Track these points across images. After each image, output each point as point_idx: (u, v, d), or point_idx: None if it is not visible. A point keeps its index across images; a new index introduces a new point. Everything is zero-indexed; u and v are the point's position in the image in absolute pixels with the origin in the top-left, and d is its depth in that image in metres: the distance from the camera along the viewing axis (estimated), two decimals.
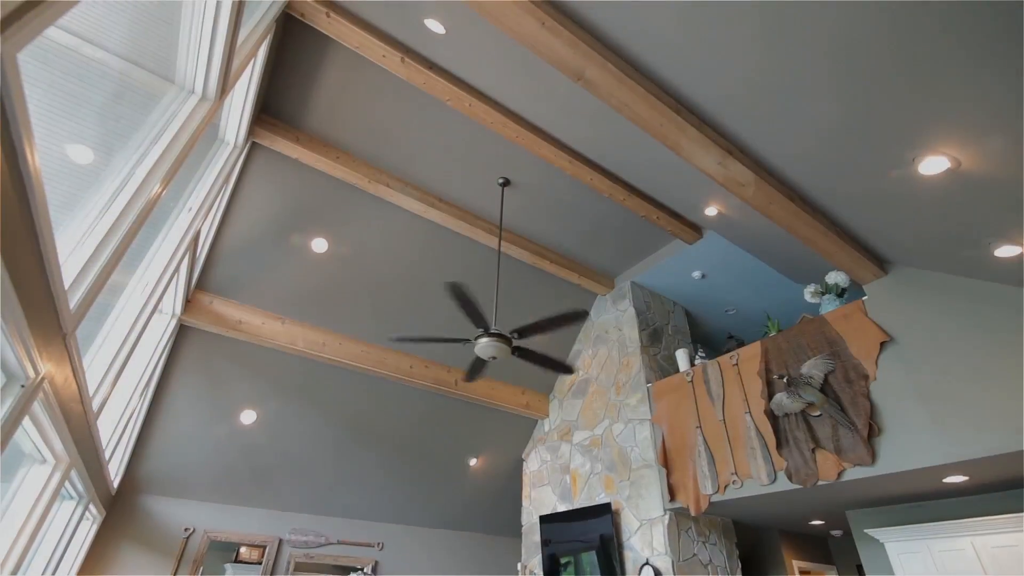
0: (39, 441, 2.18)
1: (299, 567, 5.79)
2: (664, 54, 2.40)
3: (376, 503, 6.31)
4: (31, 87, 1.29)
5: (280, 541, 5.78)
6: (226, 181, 3.70)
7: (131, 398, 3.78)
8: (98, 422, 2.96)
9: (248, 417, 5.13)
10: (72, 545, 4.00)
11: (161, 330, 4.07)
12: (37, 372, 1.59)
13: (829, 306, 4.12)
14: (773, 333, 4.40)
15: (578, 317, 3.34)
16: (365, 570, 6.06)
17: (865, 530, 4.30)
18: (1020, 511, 3.58)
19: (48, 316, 1.57)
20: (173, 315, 4.21)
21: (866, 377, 3.61)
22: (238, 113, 3.39)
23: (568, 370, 3.70)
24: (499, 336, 3.20)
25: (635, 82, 2.48)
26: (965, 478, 3.46)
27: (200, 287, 4.51)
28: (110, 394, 2.97)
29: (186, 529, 5.32)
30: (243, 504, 5.71)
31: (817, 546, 6.39)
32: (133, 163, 2.16)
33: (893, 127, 2.35)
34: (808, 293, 4.31)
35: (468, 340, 3.32)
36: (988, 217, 2.71)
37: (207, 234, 4.15)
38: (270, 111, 3.94)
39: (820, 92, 2.30)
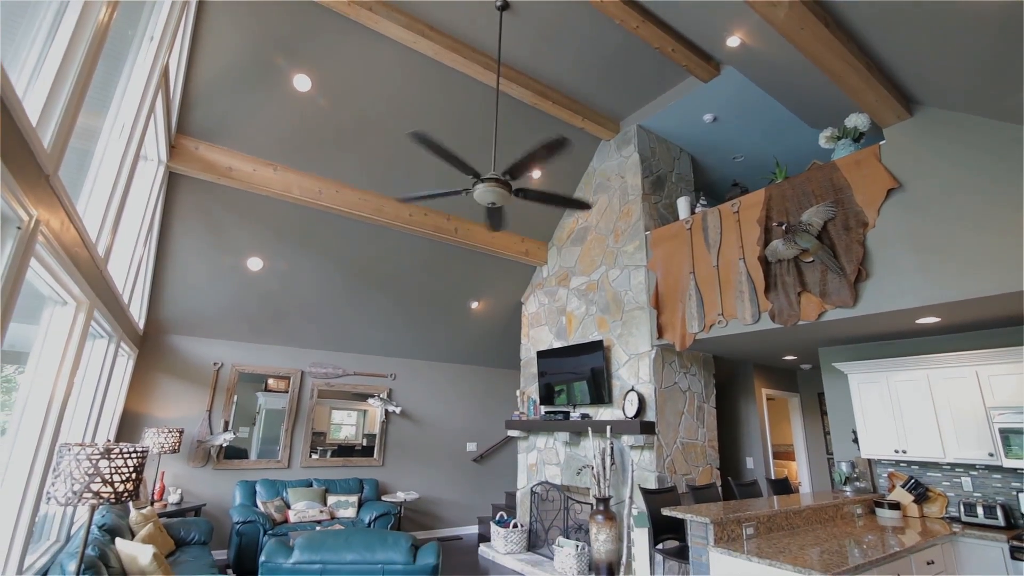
0: (54, 284, 2.26)
1: (322, 394, 6.51)
2: None
3: (387, 340, 6.85)
4: None
5: (302, 373, 6.40)
6: (186, 3, 3.25)
7: (136, 246, 3.84)
8: (109, 268, 3.05)
9: (255, 264, 5.28)
10: (115, 378, 4.43)
11: (150, 178, 3.96)
12: (30, 215, 1.57)
13: (843, 151, 3.95)
14: (779, 180, 4.29)
15: (560, 145, 3.06)
16: (381, 396, 6.83)
17: (833, 364, 4.73)
18: (974, 349, 3.89)
19: (24, 156, 1.50)
20: (159, 162, 4.05)
21: (865, 224, 3.62)
22: None
23: (583, 206, 3.46)
24: (495, 180, 3.10)
25: None
26: (937, 319, 3.68)
27: (183, 132, 4.27)
28: (113, 241, 3.00)
29: (215, 363, 5.86)
30: (265, 342, 6.20)
31: (785, 377, 7.10)
32: None
33: None
34: (824, 138, 4.10)
35: (468, 189, 3.23)
36: None
37: (177, 70, 3.78)
38: None
39: None
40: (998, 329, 3.89)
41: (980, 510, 3.65)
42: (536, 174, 5.90)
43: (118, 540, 3.02)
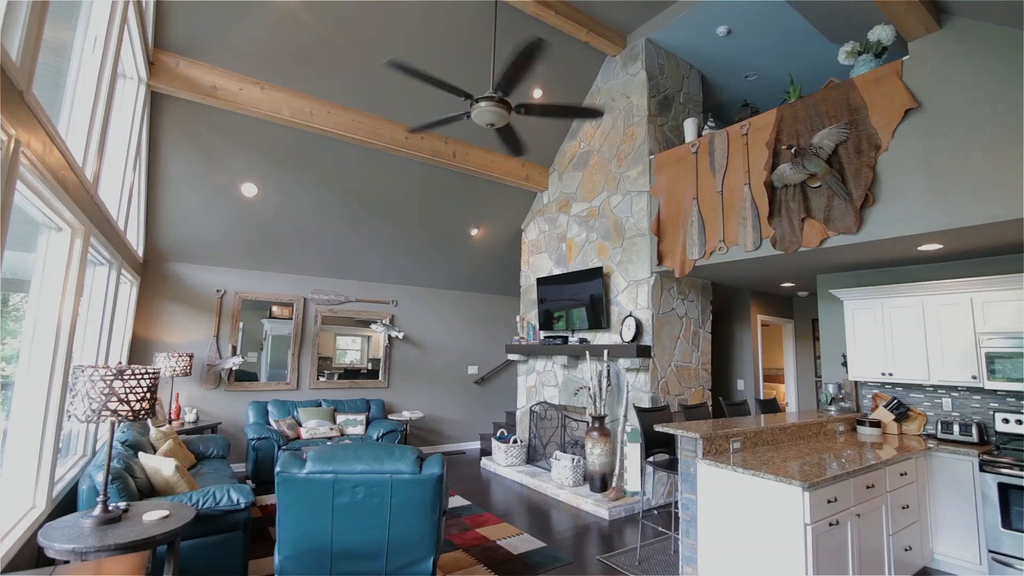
0: (46, 209, 2.22)
1: (325, 320, 6.64)
2: None
3: (387, 267, 6.87)
4: None
5: (305, 300, 6.49)
6: None
7: (125, 171, 3.73)
8: (100, 193, 2.98)
9: (249, 190, 5.17)
10: (120, 305, 4.48)
11: (132, 98, 3.77)
12: (8, 134, 1.51)
13: (863, 68, 3.73)
14: (793, 100, 4.08)
15: (594, 114, 3.32)
16: (383, 322, 6.97)
17: (830, 290, 4.77)
18: (970, 276, 3.90)
19: None
20: (140, 80, 3.84)
21: (877, 147, 3.50)
22: None
23: (593, 113, 3.34)
24: (490, 99, 2.95)
25: None
26: (939, 246, 3.66)
27: (161, 47, 4.00)
28: (100, 165, 2.91)
29: (218, 290, 5.92)
30: (266, 269, 6.22)
31: (782, 304, 7.20)
32: None
33: None
34: (843, 53, 3.85)
35: (468, 113, 3.08)
36: None
37: None
38: None
39: None
40: (996, 257, 3.88)
41: (956, 428, 3.85)
42: (537, 93, 5.62)
43: (141, 454, 3.21)
